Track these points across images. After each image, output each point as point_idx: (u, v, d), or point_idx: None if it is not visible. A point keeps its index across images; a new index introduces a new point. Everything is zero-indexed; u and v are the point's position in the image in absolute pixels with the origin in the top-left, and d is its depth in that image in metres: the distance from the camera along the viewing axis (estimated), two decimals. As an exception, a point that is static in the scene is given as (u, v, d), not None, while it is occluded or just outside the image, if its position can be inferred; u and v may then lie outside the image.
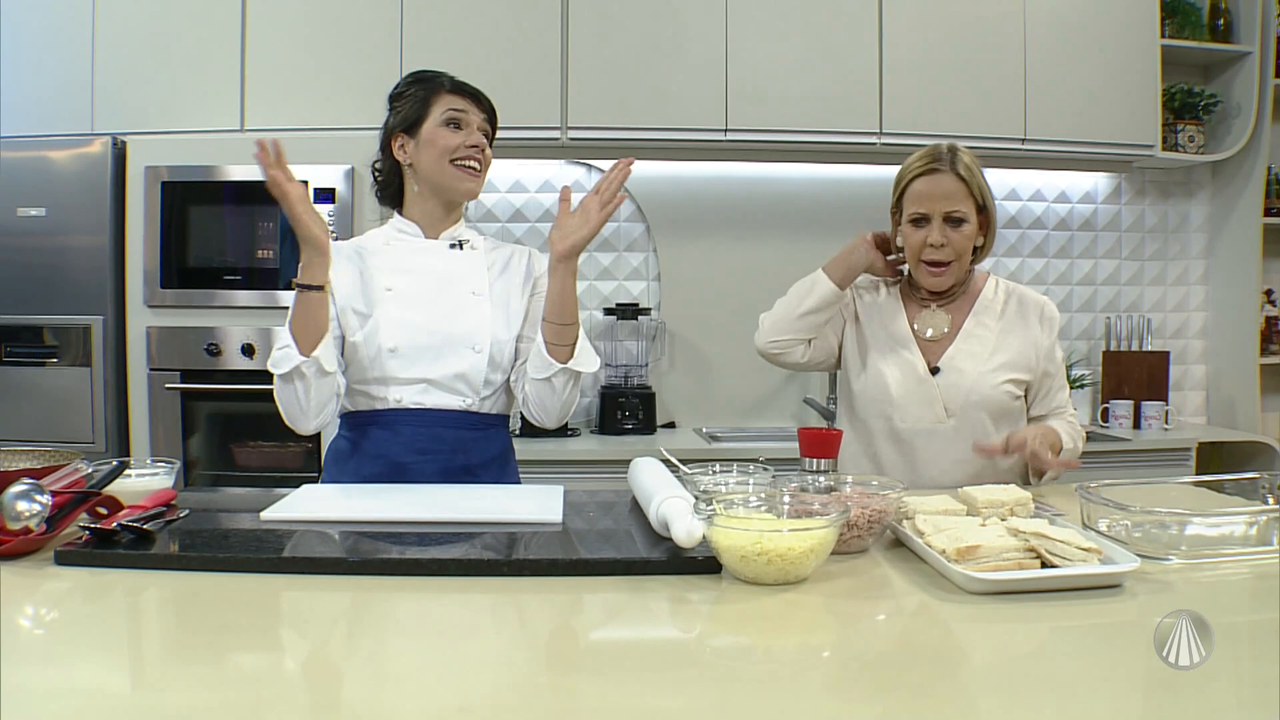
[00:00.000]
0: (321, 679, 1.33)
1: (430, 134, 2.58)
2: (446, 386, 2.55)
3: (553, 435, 4.58)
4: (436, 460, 2.52)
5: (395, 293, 2.55)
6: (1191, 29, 5.08)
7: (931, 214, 2.67)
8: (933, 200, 2.67)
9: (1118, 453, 4.62)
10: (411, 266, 2.59)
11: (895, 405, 2.74)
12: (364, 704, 1.21)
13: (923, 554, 1.75)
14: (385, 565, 1.74)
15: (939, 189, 2.67)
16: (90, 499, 1.89)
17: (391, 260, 2.62)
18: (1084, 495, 1.95)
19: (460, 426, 2.57)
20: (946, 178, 2.68)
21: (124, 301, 4.16)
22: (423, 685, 1.28)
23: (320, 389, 2.41)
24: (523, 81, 4.51)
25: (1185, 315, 5.51)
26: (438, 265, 2.61)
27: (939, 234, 2.67)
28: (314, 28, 4.46)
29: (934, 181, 2.68)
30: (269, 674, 1.34)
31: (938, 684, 1.29)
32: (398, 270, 2.60)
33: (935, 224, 2.67)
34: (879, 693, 1.26)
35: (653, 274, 5.09)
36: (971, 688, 1.28)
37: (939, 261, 2.70)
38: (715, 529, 1.64)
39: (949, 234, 2.67)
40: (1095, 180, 5.40)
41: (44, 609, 1.59)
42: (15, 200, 4.13)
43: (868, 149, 4.74)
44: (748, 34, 4.60)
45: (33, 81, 4.44)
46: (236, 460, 4.25)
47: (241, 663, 1.37)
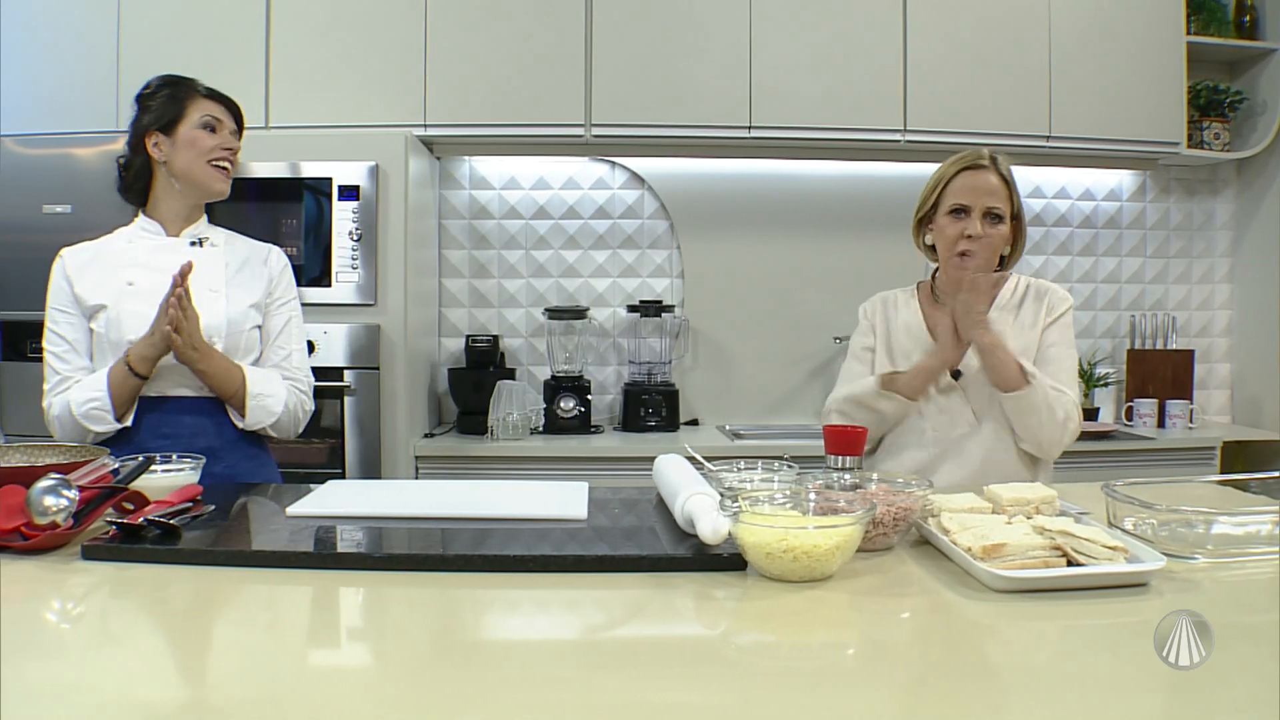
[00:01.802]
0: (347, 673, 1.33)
1: (189, 135, 2.69)
2: (185, 375, 2.63)
3: (576, 432, 4.60)
4: (176, 444, 2.55)
5: (136, 287, 2.64)
6: (1217, 25, 5.05)
7: (973, 206, 2.71)
8: (975, 194, 2.71)
9: (1142, 451, 4.59)
10: (152, 263, 2.67)
11: (924, 416, 2.77)
12: (389, 698, 1.21)
13: (948, 552, 1.75)
14: (411, 561, 1.75)
15: (982, 184, 2.72)
16: (116, 494, 1.90)
17: (133, 257, 2.71)
18: (1109, 494, 1.94)
19: (200, 413, 2.67)
20: (990, 174, 2.72)
21: (149, 298, 4.17)
22: (445, 679, 1.29)
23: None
24: (546, 78, 4.52)
25: (1210, 313, 5.48)
26: (178, 262, 2.64)
27: (978, 225, 2.70)
28: (338, 25, 4.47)
29: (978, 177, 2.72)
30: (295, 669, 1.35)
31: (963, 682, 1.29)
32: (138, 266, 2.68)
33: (975, 216, 2.70)
34: (904, 690, 1.26)
35: (676, 271, 5.09)
36: (997, 685, 1.28)
37: (972, 253, 2.71)
38: (741, 526, 1.64)
39: (986, 229, 2.70)
40: (1120, 178, 5.37)
41: (71, 603, 1.60)
42: (41, 197, 4.14)
43: (892, 146, 4.72)
44: (771, 31, 4.59)
45: (58, 79, 4.46)
46: (259, 456, 4.26)
47: (267, 657, 1.37)
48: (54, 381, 2.63)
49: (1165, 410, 5.01)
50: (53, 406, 2.61)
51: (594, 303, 5.08)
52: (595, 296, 5.10)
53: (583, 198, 5.08)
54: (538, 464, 4.26)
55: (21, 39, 4.48)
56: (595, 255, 5.10)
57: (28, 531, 1.77)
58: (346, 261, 4.10)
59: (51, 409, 2.61)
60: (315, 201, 4.13)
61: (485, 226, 5.06)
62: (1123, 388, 5.27)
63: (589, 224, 5.09)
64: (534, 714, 1.18)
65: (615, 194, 5.09)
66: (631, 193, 5.10)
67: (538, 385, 4.89)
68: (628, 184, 5.09)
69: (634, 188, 5.10)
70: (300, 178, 4.14)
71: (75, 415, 2.53)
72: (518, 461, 4.28)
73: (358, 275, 4.11)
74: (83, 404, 2.53)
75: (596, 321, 5.05)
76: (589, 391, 4.74)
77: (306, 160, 4.14)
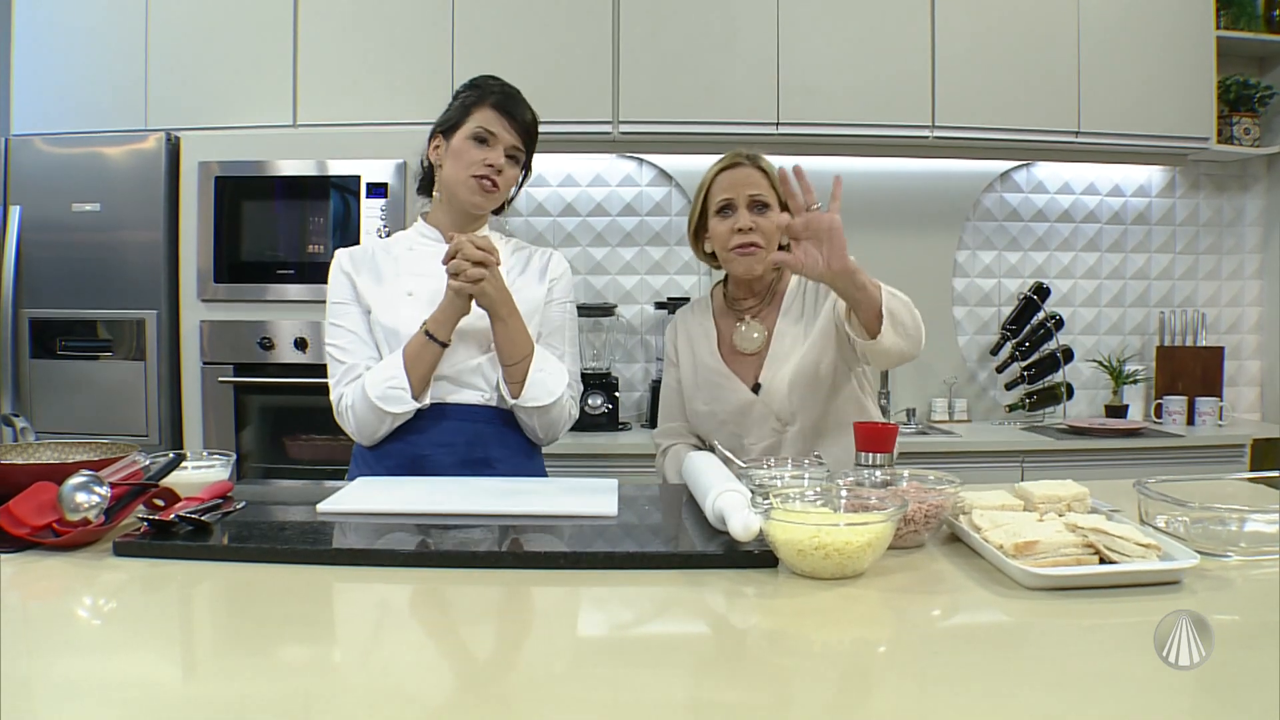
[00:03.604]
0: (377, 670, 1.33)
1: (458, 145, 2.62)
2: (463, 383, 2.60)
3: (604, 429, 4.60)
4: (454, 453, 2.56)
5: (415, 297, 2.61)
6: (1247, 20, 5.03)
7: (736, 199, 2.77)
8: (736, 187, 2.78)
9: (1171, 449, 4.58)
10: (431, 271, 2.60)
11: (741, 428, 2.81)
12: (418, 696, 1.21)
13: (980, 549, 1.74)
14: (441, 558, 1.74)
15: (741, 178, 2.78)
16: (148, 491, 1.90)
17: (411, 264, 2.67)
18: (1141, 491, 1.93)
19: (478, 420, 2.61)
20: (747, 169, 2.79)
21: (177, 296, 4.21)
22: (474, 676, 1.29)
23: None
24: (574, 75, 4.53)
25: (1240, 310, 5.45)
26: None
27: (746, 217, 2.75)
28: (366, 22, 4.49)
29: (735, 173, 2.80)
30: (325, 665, 1.35)
31: (996, 679, 1.28)
32: (417, 274, 2.65)
33: (741, 207, 2.76)
34: (936, 687, 1.26)
35: (703, 269, 5.06)
36: (1029, 683, 1.27)
37: (749, 243, 2.76)
38: (772, 523, 1.63)
39: (755, 219, 2.75)
40: (1149, 173, 5.35)
41: (102, 599, 1.60)
42: (70, 196, 4.18)
43: (920, 142, 4.71)
44: (799, 27, 4.59)
45: (87, 78, 4.49)
46: (289, 453, 4.28)
47: (298, 654, 1.38)
48: (340, 372, 2.61)
49: (1195, 407, 4.99)
50: (344, 397, 2.58)
51: (621, 299, 5.09)
52: (623, 293, 5.11)
53: (610, 194, 5.09)
54: (565, 461, 4.26)
55: (50, 38, 4.52)
56: (622, 252, 5.10)
57: (59, 528, 1.78)
58: (373, 258, 4.12)
59: (342, 400, 2.58)
60: (343, 199, 4.15)
61: (512, 224, 5.07)
62: (1152, 385, 5.25)
63: (616, 221, 5.09)
64: (564, 710, 1.18)
65: (643, 191, 5.10)
66: (659, 189, 5.10)
67: (565, 382, 4.88)
68: (655, 181, 5.10)
69: (662, 184, 5.11)
70: (328, 175, 4.16)
71: (371, 398, 2.49)
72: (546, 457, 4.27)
73: (385, 272, 4.12)
74: (379, 385, 2.50)
75: (624, 318, 5.06)
76: (616, 388, 4.75)
77: (334, 158, 4.16)
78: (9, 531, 1.77)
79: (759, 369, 2.81)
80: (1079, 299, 5.29)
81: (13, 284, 4.16)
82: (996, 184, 5.24)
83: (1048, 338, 5.05)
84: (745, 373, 2.83)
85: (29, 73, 4.53)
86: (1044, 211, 5.28)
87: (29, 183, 4.19)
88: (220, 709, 1.17)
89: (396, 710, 1.16)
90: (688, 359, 2.93)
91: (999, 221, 5.27)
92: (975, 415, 5.22)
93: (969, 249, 5.27)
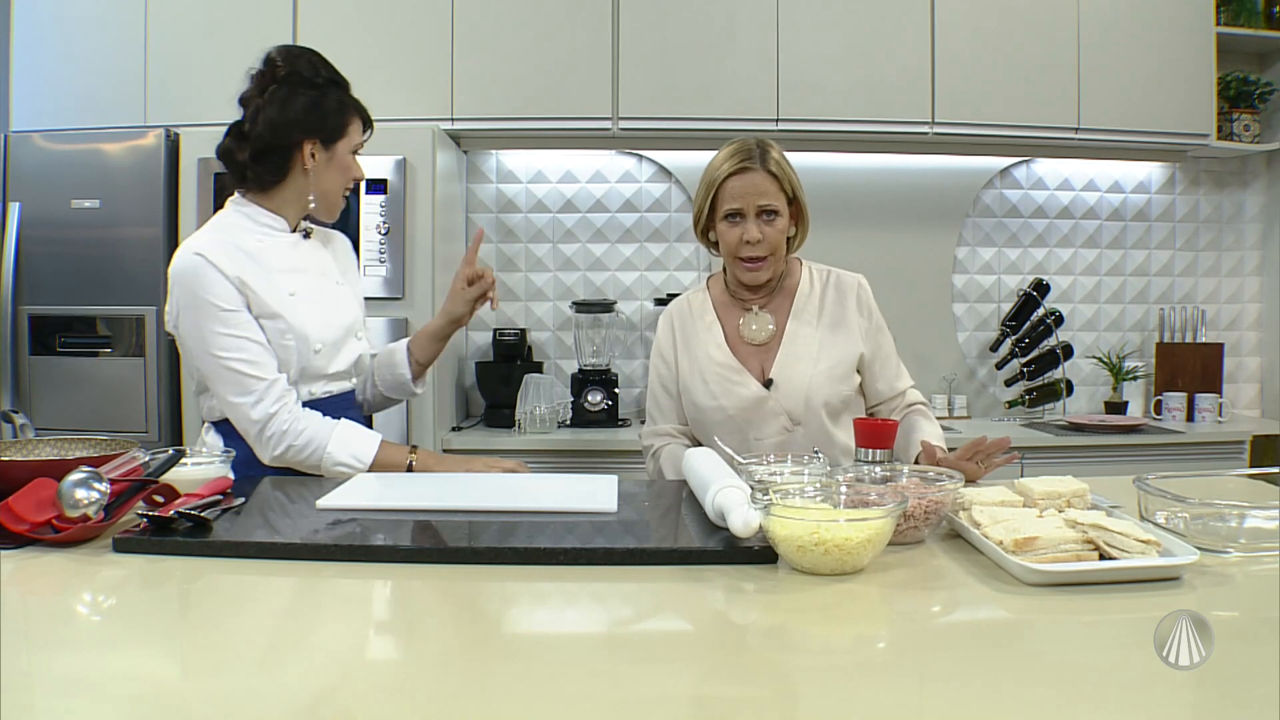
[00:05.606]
0: (377, 666, 1.33)
1: (344, 160, 2.64)
2: (345, 375, 2.70)
3: (603, 425, 4.59)
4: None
5: (298, 295, 2.57)
6: (1247, 16, 5.03)
7: (746, 209, 2.76)
8: (746, 197, 2.76)
9: (1171, 445, 4.58)
10: (296, 264, 2.60)
11: (749, 424, 2.81)
12: (419, 690, 1.21)
13: (980, 545, 1.74)
14: (441, 554, 1.74)
15: (751, 187, 2.75)
16: (147, 487, 1.90)
17: (277, 260, 2.56)
18: (1141, 487, 1.93)
19: (349, 408, 2.71)
20: (758, 175, 2.75)
21: (177, 292, 4.19)
22: (474, 672, 1.29)
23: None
24: (573, 72, 4.53)
25: (1239, 307, 5.45)
26: (308, 258, 2.65)
27: (755, 229, 2.75)
28: (365, 19, 4.49)
29: (746, 180, 2.76)
30: (325, 661, 1.35)
31: (995, 675, 1.28)
32: (287, 270, 2.58)
33: (750, 219, 2.76)
34: (935, 683, 1.26)
35: (703, 264, 5.09)
36: (1029, 678, 1.27)
37: (756, 256, 2.78)
38: (772, 519, 1.63)
39: (764, 229, 2.76)
40: (1149, 170, 5.35)
41: (102, 595, 1.60)
42: (69, 192, 4.18)
43: (920, 138, 4.72)
44: (799, 23, 4.59)
45: (86, 74, 4.49)
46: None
47: (298, 650, 1.38)
48: (260, 389, 2.46)
49: (1194, 404, 4.99)
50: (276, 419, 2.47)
51: (621, 296, 5.09)
52: (622, 290, 5.11)
53: (610, 191, 5.09)
54: (565, 457, 4.27)
55: (50, 34, 4.51)
56: (622, 249, 5.10)
57: (59, 524, 1.78)
58: (374, 255, 4.12)
59: (274, 420, 2.47)
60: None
61: (512, 220, 5.07)
62: (1151, 381, 5.25)
63: (616, 217, 5.09)
64: (564, 706, 1.18)
65: (642, 187, 5.10)
66: (659, 186, 5.10)
67: (565, 379, 4.90)
68: (655, 177, 5.10)
69: (661, 181, 5.10)
70: (327, 171, 4.15)
71: (325, 466, 2.51)
72: (545, 455, 4.28)
73: (385, 269, 4.12)
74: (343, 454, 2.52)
75: (624, 315, 5.06)
76: (616, 385, 4.74)
77: (334, 155, 4.14)
78: (8, 528, 1.77)
79: (768, 361, 2.82)
80: (1079, 295, 5.28)
81: (12, 281, 4.16)
82: (996, 180, 5.24)
83: (1047, 334, 5.05)
84: (753, 365, 2.83)
85: (28, 69, 4.53)
86: (1044, 208, 5.28)
87: (28, 179, 4.19)
88: (219, 705, 1.17)
89: (396, 705, 1.16)
90: (686, 355, 2.92)
91: (999, 218, 5.26)
92: (975, 412, 5.22)
93: (969, 245, 5.26)
